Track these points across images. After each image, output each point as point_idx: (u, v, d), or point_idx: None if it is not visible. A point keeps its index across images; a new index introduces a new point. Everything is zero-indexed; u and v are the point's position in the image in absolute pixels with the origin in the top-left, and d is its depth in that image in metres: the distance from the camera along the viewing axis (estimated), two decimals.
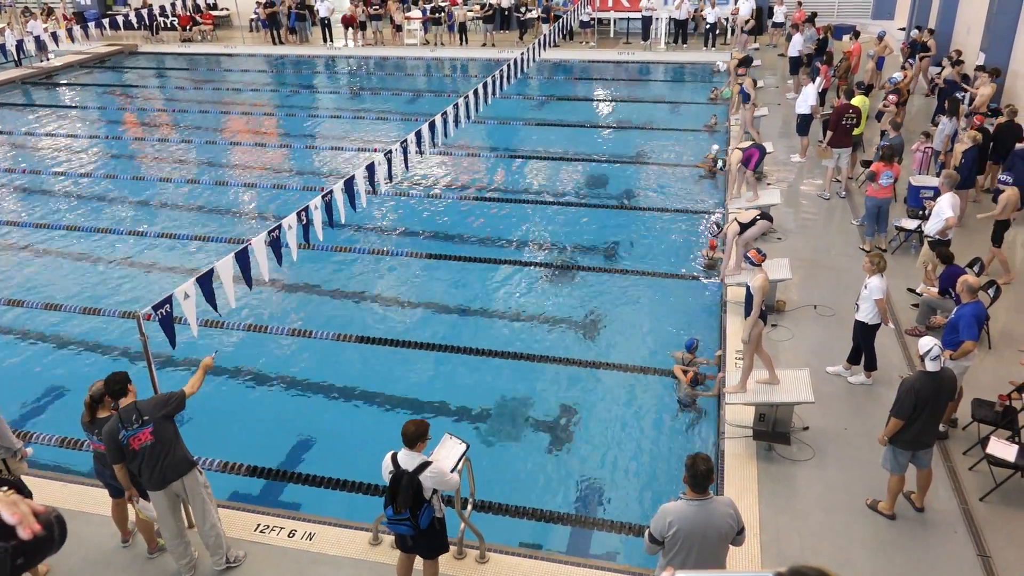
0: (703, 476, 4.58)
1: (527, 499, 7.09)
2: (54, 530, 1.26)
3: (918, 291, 9.74)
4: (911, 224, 11.05)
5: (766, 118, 16.49)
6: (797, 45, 19.29)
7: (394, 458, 5.23)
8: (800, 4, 23.17)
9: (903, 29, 23.05)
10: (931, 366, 6.08)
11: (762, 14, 25.04)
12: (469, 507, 6.29)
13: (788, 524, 6.46)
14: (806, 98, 14.47)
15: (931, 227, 9.70)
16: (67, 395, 8.89)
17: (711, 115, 17.73)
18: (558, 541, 6.71)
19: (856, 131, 13.07)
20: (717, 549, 4.67)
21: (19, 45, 24.22)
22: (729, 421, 7.58)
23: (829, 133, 13.11)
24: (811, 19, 21.13)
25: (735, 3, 24.39)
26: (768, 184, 13.58)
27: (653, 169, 15.45)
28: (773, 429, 7.32)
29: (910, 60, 17.69)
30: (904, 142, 12.72)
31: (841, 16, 25.91)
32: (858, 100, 13.25)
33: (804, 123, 14.66)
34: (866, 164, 13.54)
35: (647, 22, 25.05)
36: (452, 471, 5.46)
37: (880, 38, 18.98)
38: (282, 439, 8.10)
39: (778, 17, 24.13)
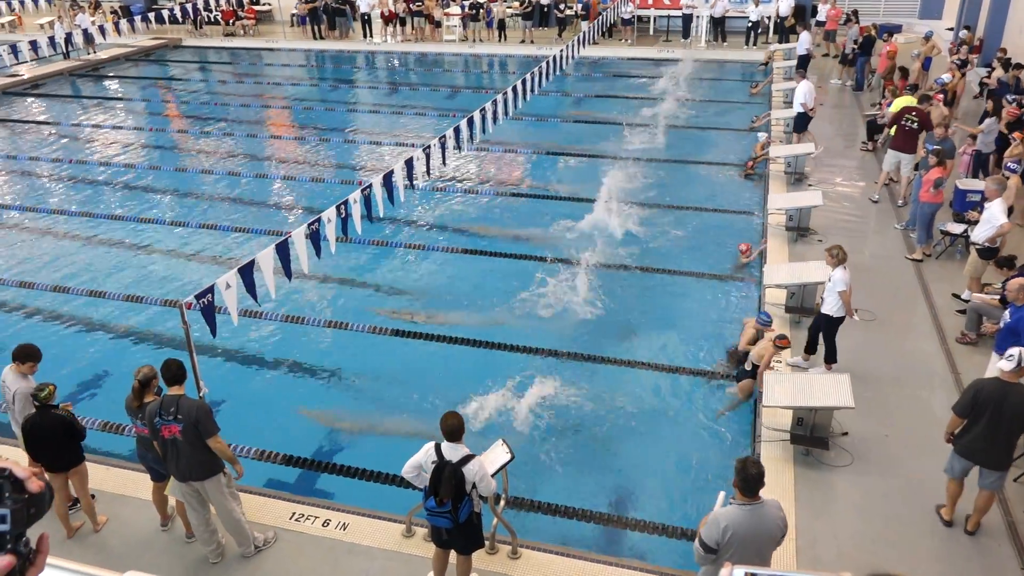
0: (754, 480, 4.53)
1: (560, 497, 7.08)
2: (48, 488, 1.36)
3: (963, 297, 9.52)
4: (957, 228, 10.79)
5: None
6: (804, 43, 19.05)
7: (437, 449, 5.23)
8: (835, 1, 22.67)
9: (951, 29, 22.52)
10: (1003, 364, 5.94)
11: (804, 12, 24.66)
12: (502, 502, 6.29)
13: (824, 530, 6.36)
14: (798, 96, 14.46)
15: (980, 234, 9.38)
16: (109, 380, 9.09)
17: (752, 116, 17.52)
18: (590, 539, 6.68)
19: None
20: (765, 552, 4.64)
21: (67, 38, 24.80)
22: (766, 424, 7.48)
23: (886, 132, 12.71)
24: (853, 17, 20.70)
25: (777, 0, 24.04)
26: (809, 185, 13.37)
27: (692, 168, 15.31)
28: (811, 433, 7.22)
29: (956, 61, 17.31)
30: (955, 145, 12.41)
31: (887, 15, 25.41)
32: (904, 101, 12.95)
33: (801, 120, 14.64)
34: None
35: (688, 20, 24.83)
36: (492, 475, 5.46)
37: (927, 38, 18.56)
38: (316, 429, 8.19)
39: (821, 15, 23.75)
